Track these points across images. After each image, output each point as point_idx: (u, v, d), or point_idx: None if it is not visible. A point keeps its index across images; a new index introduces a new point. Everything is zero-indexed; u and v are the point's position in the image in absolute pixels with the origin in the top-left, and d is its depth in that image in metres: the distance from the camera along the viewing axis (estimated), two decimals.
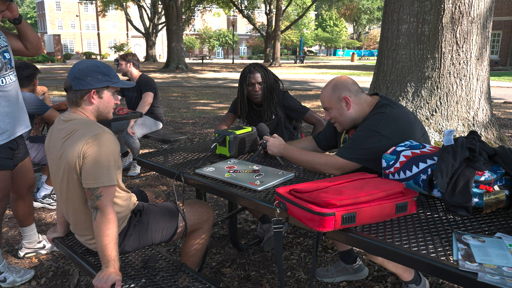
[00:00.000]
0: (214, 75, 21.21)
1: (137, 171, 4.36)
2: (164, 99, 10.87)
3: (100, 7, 39.34)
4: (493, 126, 4.27)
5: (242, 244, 2.69)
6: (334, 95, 1.84)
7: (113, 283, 1.46)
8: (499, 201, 1.36)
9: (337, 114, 1.86)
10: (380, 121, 1.73)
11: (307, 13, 45.22)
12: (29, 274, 2.36)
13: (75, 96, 1.62)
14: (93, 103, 1.65)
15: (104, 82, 1.63)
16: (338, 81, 1.86)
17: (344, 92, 1.83)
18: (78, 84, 1.60)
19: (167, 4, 22.37)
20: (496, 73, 20.57)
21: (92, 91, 1.62)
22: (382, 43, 4.43)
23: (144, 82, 4.28)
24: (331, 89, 1.86)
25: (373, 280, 2.29)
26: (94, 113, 1.68)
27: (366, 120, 1.78)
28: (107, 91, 1.67)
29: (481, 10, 3.91)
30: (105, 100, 1.68)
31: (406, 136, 1.73)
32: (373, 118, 1.76)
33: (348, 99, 1.82)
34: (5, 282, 2.27)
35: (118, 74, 2.44)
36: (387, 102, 1.80)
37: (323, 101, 1.90)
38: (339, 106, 1.84)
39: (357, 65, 30.86)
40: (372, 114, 1.78)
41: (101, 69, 1.64)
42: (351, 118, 1.86)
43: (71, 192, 1.61)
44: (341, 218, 1.22)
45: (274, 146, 1.94)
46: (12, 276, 2.30)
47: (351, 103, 1.83)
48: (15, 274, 2.32)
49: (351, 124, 1.89)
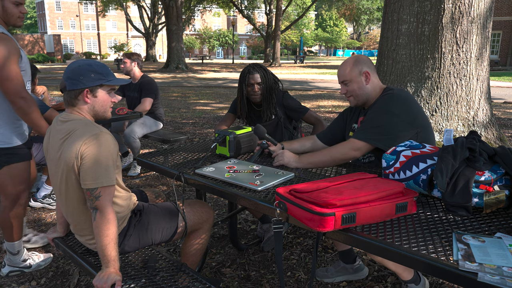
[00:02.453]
0: (214, 75, 21.21)
1: (137, 171, 4.36)
2: (164, 99, 10.87)
3: (100, 7, 39.33)
4: (493, 126, 4.27)
5: (242, 244, 2.69)
6: (356, 68, 1.93)
7: (113, 283, 1.46)
8: (499, 201, 1.36)
9: (355, 87, 1.94)
10: (390, 101, 1.85)
11: (307, 13, 45.23)
12: (49, 258, 2.55)
13: (70, 96, 1.61)
14: (87, 102, 1.63)
15: (97, 80, 1.61)
16: (360, 57, 1.96)
17: (365, 67, 1.94)
18: (71, 84, 1.59)
19: (167, 4, 22.37)
20: (496, 73, 20.57)
21: (86, 90, 1.60)
22: (382, 43, 4.43)
23: (146, 84, 4.27)
24: (353, 63, 1.94)
25: (373, 280, 2.29)
26: (91, 112, 1.66)
27: (376, 103, 1.90)
28: (101, 90, 1.64)
29: (481, 10, 3.91)
30: (100, 99, 1.65)
31: (414, 116, 1.84)
32: (382, 99, 1.89)
33: (368, 74, 1.93)
34: (30, 268, 2.45)
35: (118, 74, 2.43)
36: (394, 87, 1.94)
37: (343, 74, 1.96)
38: (359, 79, 1.94)
39: None
40: (381, 96, 1.91)
41: (94, 67, 1.62)
42: (367, 93, 1.95)
43: (70, 193, 1.61)
44: (341, 218, 1.22)
45: (295, 162, 1.92)
46: (35, 262, 2.48)
47: (370, 78, 1.93)
48: (37, 259, 2.50)
49: (365, 100, 1.98)
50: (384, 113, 1.84)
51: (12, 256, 2.39)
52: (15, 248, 2.38)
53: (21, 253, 2.42)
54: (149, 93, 4.25)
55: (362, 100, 1.97)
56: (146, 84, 4.27)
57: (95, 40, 58.80)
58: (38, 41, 38.88)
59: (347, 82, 1.96)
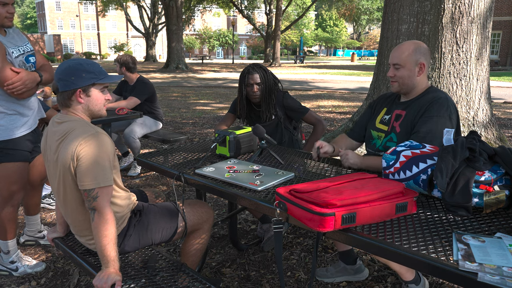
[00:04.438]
0: (214, 75, 21.21)
1: (137, 171, 4.36)
2: (164, 99, 10.87)
3: (100, 7, 39.33)
4: (493, 126, 4.27)
5: (242, 244, 2.69)
6: (414, 56, 1.86)
7: (113, 283, 1.46)
8: (499, 201, 1.36)
9: (406, 74, 1.88)
10: (445, 106, 1.82)
11: (307, 13, 45.24)
12: (40, 267, 2.46)
13: (63, 98, 1.61)
14: (81, 102, 1.62)
15: (88, 80, 1.59)
16: (422, 46, 1.88)
17: (424, 58, 1.87)
18: (63, 85, 1.58)
19: (167, 4, 22.37)
20: (496, 73, 20.57)
21: (78, 91, 1.59)
22: (382, 43, 4.43)
23: (139, 85, 4.27)
24: (413, 50, 1.86)
25: (373, 280, 2.29)
26: (86, 112, 1.65)
27: (428, 108, 1.83)
28: (94, 89, 1.63)
29: (481, 10, 3.91)
30: (93, 98, 1.64)
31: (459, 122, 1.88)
32: (437, 104, 1.83)
33: (423, 66, 1.86)
34: (17, 271, 2.41)
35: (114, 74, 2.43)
36: (438, 89, 1.91)
37: (399, 57, 1.88)
38: (413, 68, 1.87)
39: (357, 65, 30.86)
40: (430, 97, 1.86)
41: (85, 66, 1.59)
42: (414, 85, 1.90)
43: (68, 194, 1.60)
44: (341, 218, 1.22)
45: (355, 164, 1.87)
46: (23, 267, 2.42)
47: (423, 71, 1.87)
48: (27, 265, 2.44)
49: (408, 91, 1.93)
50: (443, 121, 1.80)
51: (3, 254, 2.40)
52: (6, 247, 2.38)
53: (12, 254, 2.40)
54: (138, 93, 4.23)
55: (406, 89, 1.91)
56: (140, 84, 4.28)
57: (95, 40, 58.79)
58: (38, 41, 38.88)
59: (399, 67, 1.88)
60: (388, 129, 1.99)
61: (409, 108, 1.92)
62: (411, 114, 1.90)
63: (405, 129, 1.91)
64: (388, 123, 2.00)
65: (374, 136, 2.07)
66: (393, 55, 1.90)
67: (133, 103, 4.19)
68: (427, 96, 1.89)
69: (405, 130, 1.91)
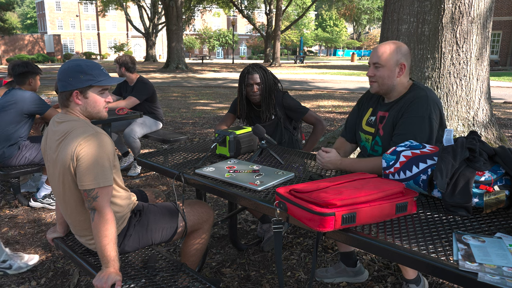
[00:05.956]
0: (214, 75, 21.21)
1: (137, 171, 4.35)
2: (164, 99, 10.87)
3: (100, 7, 39.32)
4: (493, 126, 4.27)
5: (242, 244, 2.69)
6: (395, 56, 1.83)
7: (113, 283, 1.46)
8: (499, 201, 1.36)
9: (386, 74, 1.85)
10: (425, 105, 1.78)
11: (307, 13, 45.22)
12: (32, 261, 2.41)
13: (62, 98, 1.60)
14: (78, 103, 1.61)
15: (86, 81, 1.58)
16: (403, 47, 1.85)
17: (404, 59, 1.84)
18: (62, 86, 1.58)
19: (167, 4, 22.37)
20: (496, 73, 20.56)
21: (75, 92, 1.58)
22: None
23: (139, 85, 4.27)
24: (394, 50, 1.83)
25: (373, 280, 2.29)
26: (84, 113, 1.64)
27: (409, 105, 1.81)
28: (91, 90, 1.61)
29: (481, 10, 3.90)
30: (91, 100, 1.62)
31: (442, 117, 1.85)
32: (418, 102, 1.80)
33: (404, 67, 1.84)
34: (11, 269, 2.34)
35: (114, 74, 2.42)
36: (421, 85, 1.87)
37: (379, 56, 1.85)
38: (393, 68, 1.84)
39: (357, 65, 30.86)
40: (412, 95, 1.83)
41: (83, 68, 1.58)
42: (393, 86, 1.87)
43: (68, 194, 1.60)
44: (341, 218, 1.22)
45: (331, 163, 1.85)
46: (16, 263, 2.37)
47: (403, 72, 1.85)
48: (19, 260, 2.39)
49: (388, 92, 1.90)
50: (422, 121, 1.76)
51: None
52: None
53: (1, 254, 2.35)
54: (137, 93, 4.23)
55: (385, 90, 1.89)
56: (139, 84, 4.28)
57: (95, 40, 58.77)
58: (38, 41, 38.89)
59: (379, 66, 1.85)
60: (374, 132, 1.98)
61: (391, 110, 1.89)
62: (392, 116, 1.88)
63: (388, 132, 1.89)
64: (375, 125, 1.99)
65: (363, 138, 2.07)
66: (374, 54, 1.87)
67: (132, 103, 4.19)
68: (408, 95, 1.86)
69: (388, 133, 1.89)
